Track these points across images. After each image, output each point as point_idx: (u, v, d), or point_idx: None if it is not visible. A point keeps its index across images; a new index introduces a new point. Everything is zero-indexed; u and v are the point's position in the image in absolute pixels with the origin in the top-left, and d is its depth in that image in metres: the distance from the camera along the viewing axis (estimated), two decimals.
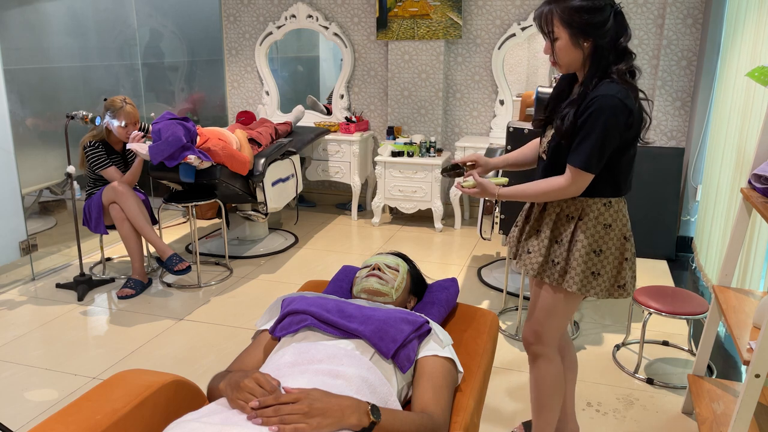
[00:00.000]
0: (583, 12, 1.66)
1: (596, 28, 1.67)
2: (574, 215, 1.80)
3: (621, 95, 1.66)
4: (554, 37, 1.71)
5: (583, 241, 1.78)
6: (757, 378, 1.67)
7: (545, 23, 1.72)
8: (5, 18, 3.77)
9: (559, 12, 1.68)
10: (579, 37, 1.69)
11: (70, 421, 1.23)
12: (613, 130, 1.66)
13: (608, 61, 1.71)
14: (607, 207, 1.79)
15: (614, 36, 1.70)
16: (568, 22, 1.67)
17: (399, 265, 1.81)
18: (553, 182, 1.77)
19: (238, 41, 5.34)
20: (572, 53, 1.72)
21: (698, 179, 4.12)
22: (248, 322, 3.17)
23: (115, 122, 3.47)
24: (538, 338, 1.91)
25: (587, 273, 1.79)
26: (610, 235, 1.79)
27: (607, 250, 1.80)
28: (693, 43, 4.12)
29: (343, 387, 1.31)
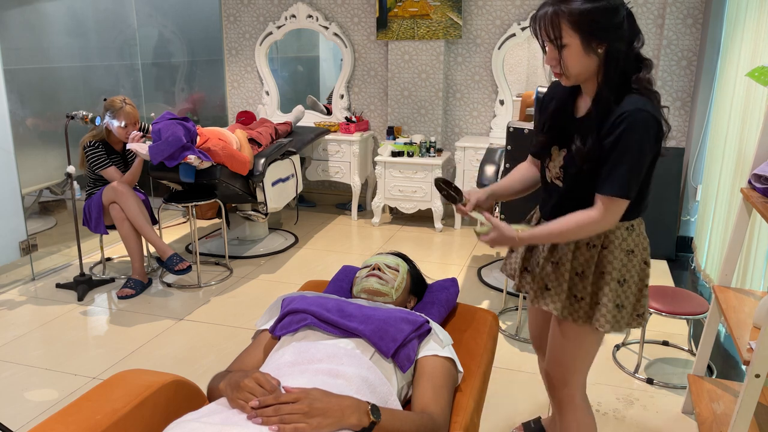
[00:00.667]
0: (597, 12, 1.44)
1: (612, 31, 1.46)
2: (596, 243, 1.60)
3: (649, 107, 1.46)
4: (562, 43, 1.48)
5: (612, 273, 1.59)
6: (757, 378, 1.67)
7: (551, 27, 1.47)
8: (5, 18, 3.77)
9: (568, 13, 1.45)
10: (592, 42, 1.47)
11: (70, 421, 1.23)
12: (647, 149, 1.47)
13: (624, 69, 1.50)
14: (630, 231, 1.60)
15: (629, 40, 1.49)
16: (580, 25, 1.45)
17: (399, 265, 1.81)
18: (584, 217, 1.52)
19: (238, 41, 5.34)
20: (584, 61, 1.49)
21: (698, 179, 4.12)
22: (248, 322, 3.17)
23: (114, 122, 3.47)
24: (563, 383, 1.72)
25: (610, 306, 1.59)
26: (633, 262, 1.60)
27: (630, 279, 1.60)
28: (693, 43, 4.12)
29: (343, 386, 1.31)
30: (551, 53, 1.52)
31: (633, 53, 1.51)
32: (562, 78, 1.55)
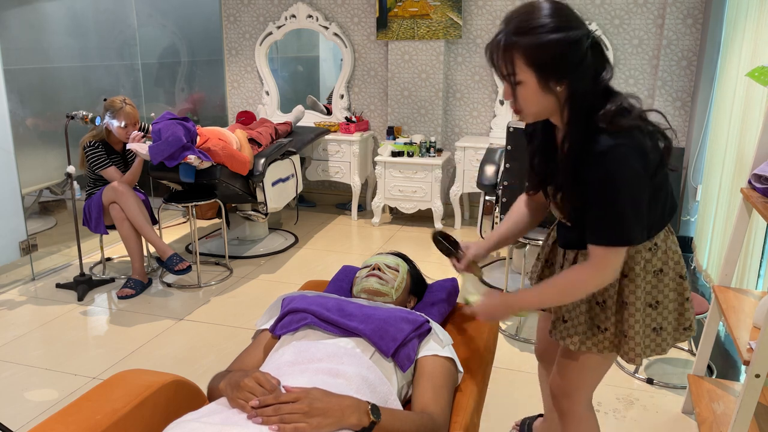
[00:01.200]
0: (555, 47, 1.26)
1: (573, 67, 1.28)
2: None
3: (624, 140, 1.29)
4: (516, 80, 1.31)
5: (636, 303, 1.45)
6: (757, 378, 1.67)
7: (503, 62, 1.30)
8: (5, 18, 3.77)
9: (523, 48, 1.27)
10: (550, 80, 1.29)
11: (70, 421, 1.23)
12: (636, 185, 1.30)
13: (590, 104, 1.32)
14: (654, 252, 1.46)
15: (593, 74, 1.32)
16: (536, 62, 1.27)
17: (399, 265, 1.81)
18: (579, 275, 1.39)
19: (238, 41, 5.34)
20: (542, 100, 1.32)
21: (698, 179, 4.12)
22: (248, 322, 3.17)
23: (114, 122, 3.47)
24: (565, 395, 1.65)
25: (647, 332, 1.48)
26: (664, 282, 1.47)
27: (664, 299, 1.48)
28: (693, 43, 4.12)
29: (343, 386, 1.31)
30: (506, 89, 1.35)
31: (600, 87, 1.34)
32: (520, 114, 1.38)
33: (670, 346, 1.53)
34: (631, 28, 4.29)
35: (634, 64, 4.33)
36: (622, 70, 4.37)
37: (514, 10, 1.33)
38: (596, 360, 1.57)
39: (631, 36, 4.30)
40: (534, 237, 2.98)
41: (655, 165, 1.36)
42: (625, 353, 1.49)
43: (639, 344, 1.47)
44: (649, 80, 4.32)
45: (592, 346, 1.52)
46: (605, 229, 1.33)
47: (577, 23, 1.30)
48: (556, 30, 1.27)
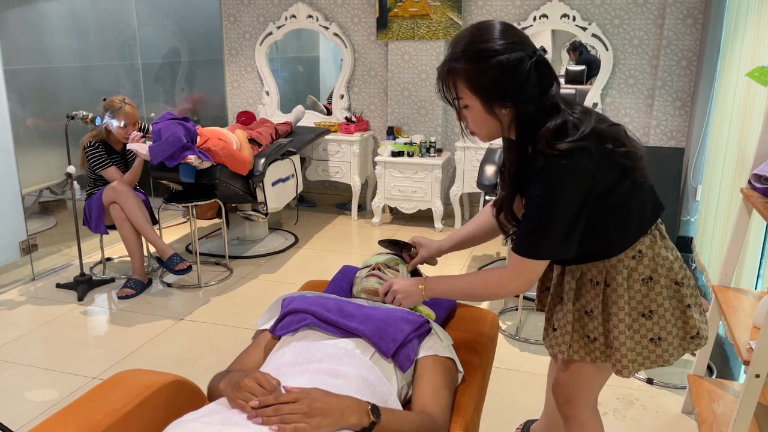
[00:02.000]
0: (494, 72, 1.28)
1: (514, 90, 1.30)
2: (599, 280, 1.46)
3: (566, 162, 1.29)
4: (462, 105, 1.35)
5: (619, 314, 1.44)
6: (757, 378, 1.67)
7: (448, 87, 1.34)
8: (5, 18, 3.77)
9: (465, 74, 1.30)
10: (494, 104, 1.32)
11: (70, 421, 1.23)
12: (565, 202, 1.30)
13: (536, 124, 1.33)
14: (639, 259, 1.44)
15: (538, 93, 1.31)
16: (478, 87, 1.30)
17: (399, 265, 1.81)
18: (494, 276, 1.42)
19: (238, 41, 5.34)
20: (490, 122, 1.35)
21: (698, 179, 4.12)
22: (248, 322, 3.17)
23: (114, 122, 3.47)
24: (567, 401, 1.65)
25: (643, 343, 1.45)
26: (656, 290, 1.44)
27: (659, 308, 1.44)
28: (693, 43, 4.12)
29: (343, 386, 1.31)
30: (457, 113, 1.39)
31: (546, 105, 1.33)
32: (475, 136, 1.42)
33: (675, 357, 1.47)
34: (631, 28, 4.29)
35: (634, 64, 4.33)
36: (622, 70, 4.37)
37: (460, 33, 1.35)
38: (591, 368, 1.57)
39: (631, 36, 4.30)
40: None
41: (610, 183, 1.35)
42: (613, 364, 1.49)
43: (626, 356, 1.45)
44: (649, 80, 4.32)
45: (585, 355, 1.53)
46: (522, 239, 1.36)
47: (522, 44, 1.31)
48: (496, 54, 1.28)
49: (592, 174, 1.31)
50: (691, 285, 1.49)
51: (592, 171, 1.31)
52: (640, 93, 4.37)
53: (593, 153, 1.31)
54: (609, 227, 1.41)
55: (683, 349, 1.49)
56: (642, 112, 4.39)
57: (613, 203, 1.38)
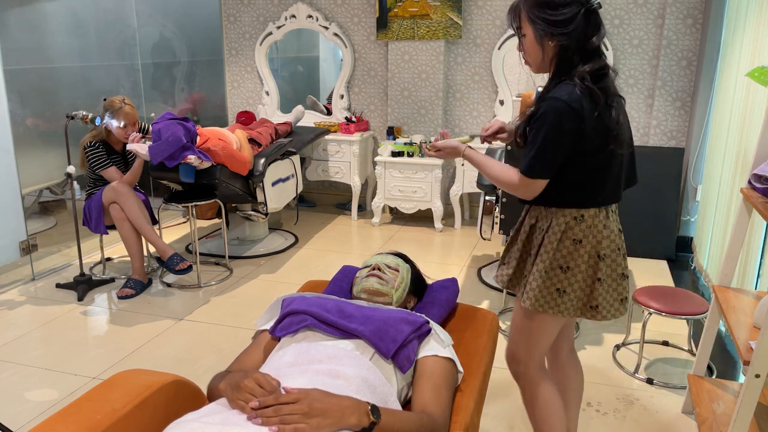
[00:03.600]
0: (545, 7, 1.56)
1: (559, 27, 1.55)
2: (544, 227, 1.68)
3: (570, 98, 1.52)
4: (522, 33, 1.63)
5: (543, 255, 1.66)
6: (757, 378, 1.66)
7: (514, 18, 1.65)
8: (5, 18, 3.77)
9: (526, 7, 1.60)
10: (543, 36, 1.58)
11: (70, 421, 1.23)
12: (557, 135, 1.53)
13: (573, 63, 1.58)
14: (578, 221, 1.64)
15: (582, 36, 1.57)
16: (532, 19, 1.58)
17: (399, 265, 1.81)
18: (509, 173, 1.66)
19: (238, 41, 5.34)
20: (537, 51, 1.62)
21: (698, 179, 4.12)
22: (248, 322, 3.17)
23: (114, 122, 3.47)
24: (512, 358, 1.81)
25: (551, 289, 1.65)
26: (579, 252, 1.64)
27: (575, 268, 1.64)
28: (693, 43, 4.12)
29: (343, 387, 1.31)
30: (519, 41, 1.67)
31: (590, 48, 1.59)
32: (529, 65, 1.69)
33: (570, 314, 1.67)
34: (631, 28, 4.29)
35: (634, 64, 4.33)
36: (622, 70, 4.37)
37: None
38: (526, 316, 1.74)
39: (631, 36, 4.30)
40: None
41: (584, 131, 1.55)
42: (523, 296, 1.70)
43: (531, 294, 1.68)
44: (649, 80, 4.32)
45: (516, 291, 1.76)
46: (523, 159, 1.60)
47: None
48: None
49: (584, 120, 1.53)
50: (612, 266, 1.68)
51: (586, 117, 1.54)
52: (640, 93, 4.37)
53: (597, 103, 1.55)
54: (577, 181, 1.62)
55: (581, 313, 1.69)
56: (642, 112, 4.39)
57: (588, 167, 1.61)
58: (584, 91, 1.53)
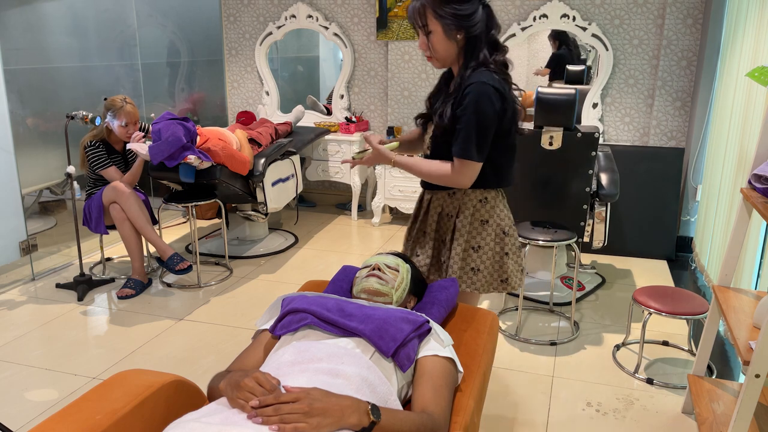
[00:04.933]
0: (452, 3, 1.72)
1: (466, 20, 1.74)
2: (452, 213, 1.88)
3: (493, 81, 1.73)
4: (428, 30, 1.76)
5: (459, 239, 1.86)
6: (757, 378, 1.67)
7: (419, 17, 1.76)
8: (5, 18, 3.77)
9: (433, 5, 1.73)
10: (452, 29, 1.75)
11: (70, 421, 1.23)
12: (489, 116, 1.73)
13: (482, 51, 1.77)
14: (483, 203, 1.87)
15: (485, 28, 1.78)
16: (441, 15, 1.73)
17: (399, 265, 1.80)
18: (442, 167, 1.80)
19: (238, 41, 5.34)
20: (447, 45, 1.78)
21: (698, 179, 4.12)
22: (248, 322, 3.17)
23: (115, 122, 3.47)
24: None
25: (467, 269, 1.88)
26: (487, 231, 1.87)
27: (485, 246, 1.87)
28: (693, 43, 4.12)
29: (343, 386, 1.31)
30: (422, 39, 1.80)
31: (492, 39, 1.80)
32: (433, 61, 1.83)
33: (485, 289, 1.90)
34: (631, 28, 4.29)
35: (634, 64, 4.33)
36: (622, 70, 4.37)
37: None
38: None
39: (631, 36, 4.30)
40: (534, 237, 2.98)
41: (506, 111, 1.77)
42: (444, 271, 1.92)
43: (455, 272, 1.88)
44: (649, 80, 4.32)
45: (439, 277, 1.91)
46: (458, 144, 1.75)
47: None
48: None
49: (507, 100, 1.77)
50: (513, 241, 1.93)
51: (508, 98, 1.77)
52: (640, 93, 4.37)
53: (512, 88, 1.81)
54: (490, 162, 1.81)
55: (493, 287, 1.91)
56: (642, 112, 4.39)
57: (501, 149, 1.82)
58: (499, 77, 1.76)
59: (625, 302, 3.42)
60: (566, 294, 3.46)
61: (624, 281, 3.72)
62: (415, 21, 1.78)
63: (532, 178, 3.27)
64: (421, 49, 1.82)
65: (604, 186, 3.32)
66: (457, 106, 1.76)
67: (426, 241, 1.94)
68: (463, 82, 1.77)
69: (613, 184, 3.32)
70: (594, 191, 3.31)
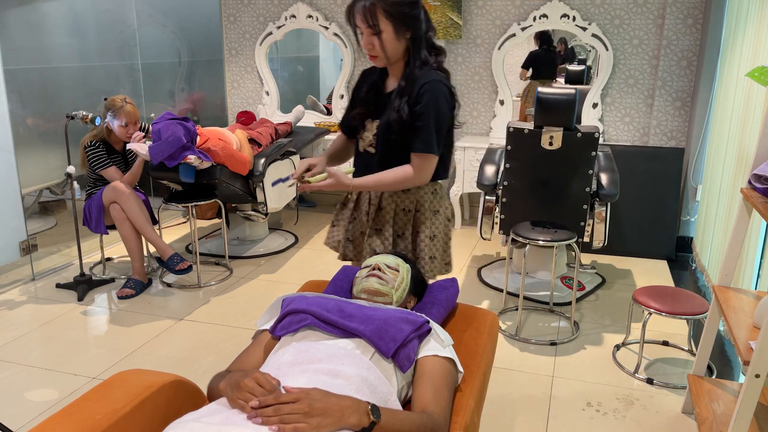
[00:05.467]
0: (404, 5, 1.79)
1: (414, 21, 1.82)
2: (410, 208, 1.97)
3: (445, 81, 1.86)
4: (379, 29, 1.80)
5: (425, 231, 1.97)
6: (757, 378, 1.67)
7: (369, 16, 1.79)
8: (5, 18, 3.77)
9: (384, 5, 1.77)
10: (402, 29, 1.81)
11: (70, 421, 1.23)
12: (446, 113, 1.85)
13: (424, 51, 1.87)
14: (435, 195, 1.99)
15: (426, 30, 1.87)
16: (392, 14, 1.78)
17: (399, 265, 1.80)
18: (404, 171, 1.87)
19: (238, 41, 5.34)
20: (395, 45, 1.83)
21: (698, 179, 4.12)
22: (248, 322, 3.17)
23: (115, 122, 3.47)
24: None
25: (426, 259, 1.99)
26: (439, 220, 2.00)
27: (438, 234, 2.00)
28: (693, 43, 4.12)
29: (343, 386, 1.31)
30: (369, 38, 1.83)
31: (431, 41, 1.89)
32: (377, 60, 1.87)
33: (436, 273, 2.02)
34: (631, 28, 4.29)
35: (634, 64, 4.33)
36: (622, 70, 4.37)
37: None
38: None
39: (631, 36, 4.30)
40: (534, 237, 2.98)
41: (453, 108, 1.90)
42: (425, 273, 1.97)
43: (427, 263, 1.97)
44: (649, 80, 4.32)
45: None
46: (422, 140, 1.83)
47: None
48: None
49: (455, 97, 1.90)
50: (451, 226, 2.07)
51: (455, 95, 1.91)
52: (640, 93, 4.37)
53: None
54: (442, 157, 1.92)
55: (440, 272, 2.03)
56: (642, 112, 4.39)
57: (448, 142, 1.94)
58: (444, 75, 1.88)
59: (625, 302, 3.42)
60: (566, 294, 3.46)
61: (624, 281, 3.72)
62: (364, 20, 1.80)
63: (532, 178, 3.26)
64: (366, 48, 1.85)
65: (604, 186, 3.32)
66: (415, 104, 1.82)
67: (385, 237, 2.00)
68: (416, 81, 1.83)
69: (613, 184, 3.32)
70: (594, 191, 3.31)
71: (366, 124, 1.98)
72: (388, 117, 1.88)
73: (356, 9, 1.81)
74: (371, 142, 1.97)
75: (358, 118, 2.00)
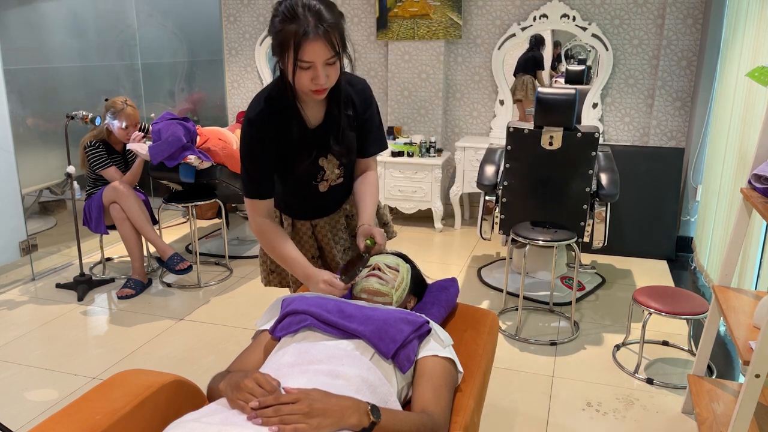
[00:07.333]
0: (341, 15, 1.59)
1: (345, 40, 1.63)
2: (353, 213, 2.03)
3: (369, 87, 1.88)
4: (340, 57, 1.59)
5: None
6: (757, 378, 1.67)
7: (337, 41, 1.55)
8: (5, 18, 3.77)
9: (340, 22, 1.57)
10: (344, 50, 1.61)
11: (70, 421, 1.23)
12: None
13: None
14: None
15: None
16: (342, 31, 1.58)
17: (399, 265, 1.80)
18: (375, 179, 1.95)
19: (238, 41, 5.34)
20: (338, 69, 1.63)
21: (698, 179, 4.12)
22: (248, 322, 3.17)
23: (115, 123, 3.47)
24: None
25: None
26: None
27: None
28: (693, 43, 4.12)
29: (343, 387, 1.31)
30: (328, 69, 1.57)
31: None
32: (322, 93, 1.61)
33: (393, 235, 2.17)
34: (631, 28, 4.29)
35: (634, 64, 4.33)
36: (622, 70, 4.37)
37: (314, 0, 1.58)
38: None
39: (631, 36, 4.30)
40: (534, 237, 2.98)
41: None
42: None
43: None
44: (649, 80, 4.32)
45: None
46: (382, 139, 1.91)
47: None
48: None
49: None
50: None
51: None
52: (640, 93, 4.37)
53: None
54: None
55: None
56: (642, 112, 4.39)
57: None
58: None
59: (625, 302, 3.42)
60: (566, 294, 3.46)
61: (624, 281, 3.72)
62: (330, 48, 1.53)
63: (532, 178, 3.27)
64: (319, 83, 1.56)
65: (604, 186, 3.32)
66: (363, 112, 1.81)
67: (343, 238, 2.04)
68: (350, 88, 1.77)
69: (613, 184, 3.32)
70: (594, 191, 3.31)
71: (321, 164, 1.81)
72: (344, 139, 1.77)
73: (312, 39, 1.50)
74: (339, 174, 1.86)
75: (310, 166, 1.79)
